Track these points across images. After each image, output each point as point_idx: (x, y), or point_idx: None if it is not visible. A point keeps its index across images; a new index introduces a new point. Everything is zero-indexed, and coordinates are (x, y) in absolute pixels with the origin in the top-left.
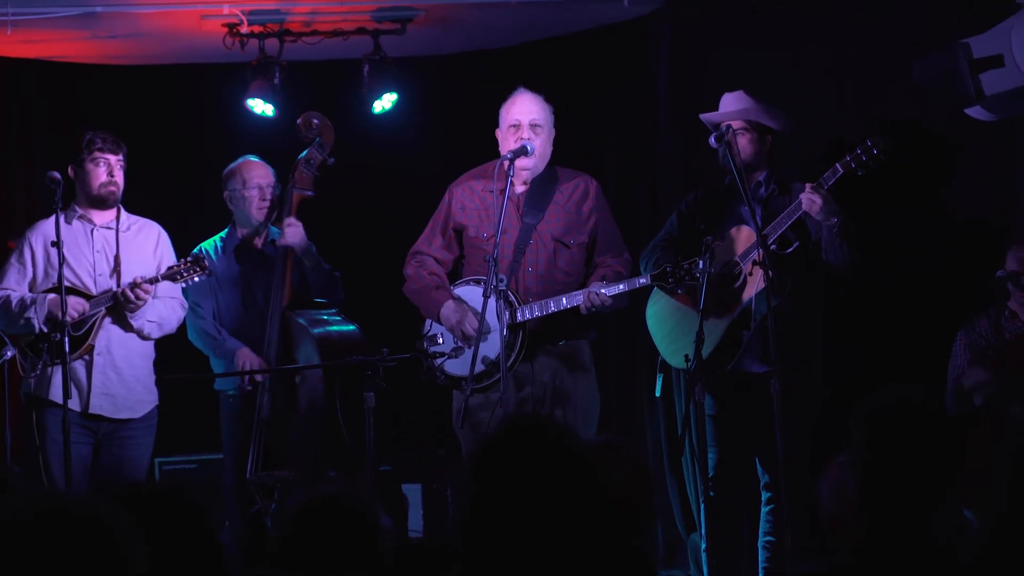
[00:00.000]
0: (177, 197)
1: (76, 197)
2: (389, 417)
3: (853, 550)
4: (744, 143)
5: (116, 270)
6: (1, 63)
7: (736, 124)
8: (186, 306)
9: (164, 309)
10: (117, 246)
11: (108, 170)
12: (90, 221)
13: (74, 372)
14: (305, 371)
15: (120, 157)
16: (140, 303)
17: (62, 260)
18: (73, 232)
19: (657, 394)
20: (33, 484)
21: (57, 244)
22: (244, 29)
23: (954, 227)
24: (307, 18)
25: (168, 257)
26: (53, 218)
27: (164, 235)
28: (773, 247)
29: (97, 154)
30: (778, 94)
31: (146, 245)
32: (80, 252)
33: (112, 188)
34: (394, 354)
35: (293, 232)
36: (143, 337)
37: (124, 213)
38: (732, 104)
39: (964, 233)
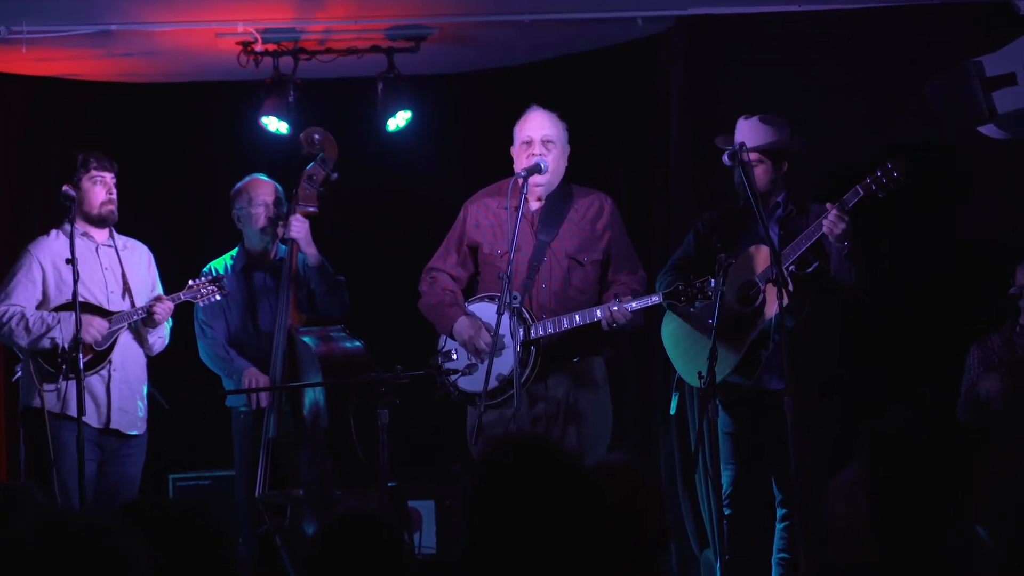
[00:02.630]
0: (191, 215)
1: (73, 216)
2: (402, 433)
3: (864, 567)
4: (760, 173)
5: (127, 288)
6: (16, 81)
7: (752, 156)
8: (172, 322)
9: (165, 326)
10: (121, 264)
11: (106, 188)
12: (92, 239)
13: (91, 387)
14: (308, 390)
15: (113, 176)
16: (164, 319)
17: (76, 277)
18: (79, 250)
19: (672, 412)
20: (47, 502)
21: (72, 261)
22: (259, 47)
23: (967, 245)
24: (321, 36)
25: (157, 276)
26: (54, 235)
27: (152, 255)
28: (792, 268)
29: (95, 173)
30: (790, 114)
31: (140, 264)
32: (91, 269)
33: (111, 207)
34: (408, 371)
35: (299, 227)
36: (149, 353)
37: (115, 232)
38: (748, 134)
39: (978, 251)
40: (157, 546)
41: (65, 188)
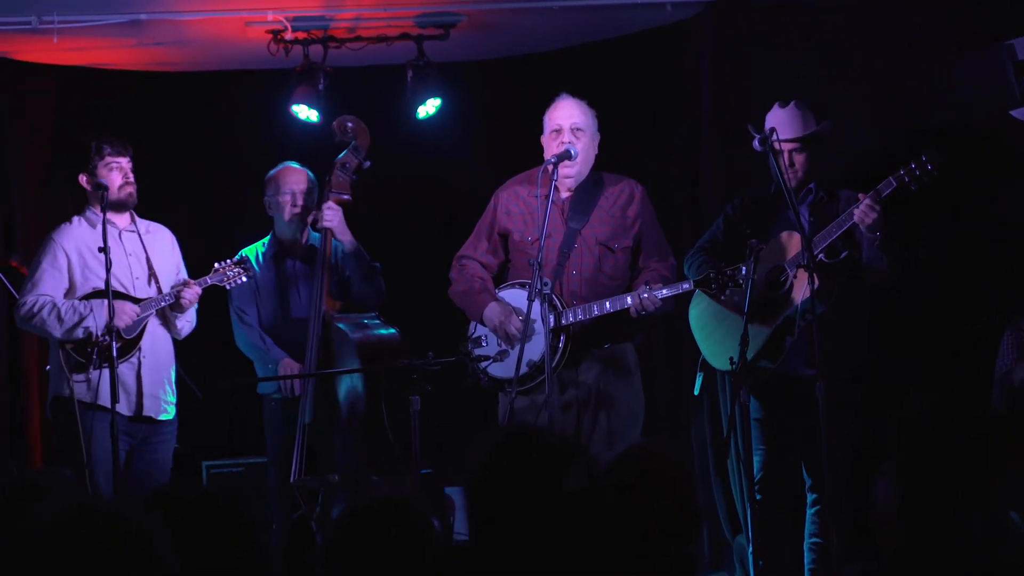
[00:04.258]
0: (221, 204)
1: (90, 203)
2: (435, 420)
3: (894, 552)
4: (800, 162)
5: (152, 273)
6: (47, 71)
7: (788, 146)
8: (196, 304)
9: (193, 311)
10: (144, 249)
11: (123, 173)
12: (115, 225)
13: (122, 375)
14: (346, 376)
15: (128, 159)
16: (192, 304)
17: (109, 265)
18: (100, 237)
19: (695, 392)
20: (77, 488)
21: (104, 249)
22: (288, 35)
23: (998, 230)
24: (351, 24)
25: (180, 259)
26: (76, 221)
27: (175, 238)
28: (821, 256)
29: (109, 159)
30: (820, 97)
31: (164, 247)
32: (115, 256)
33: (130, 190)
34: (439, 358)
35: (332, 215)
36: (177, 337)
37: (136, 216)
38: (787, 122)
39: (1009, 235)
40: (186, 532)
41: (97, 179)
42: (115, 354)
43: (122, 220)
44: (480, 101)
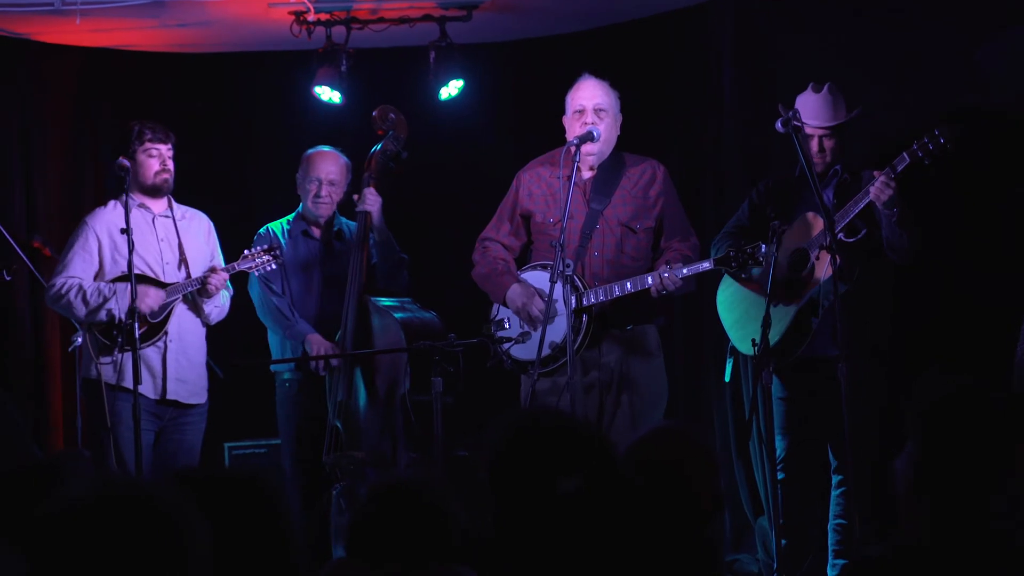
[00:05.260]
0: (243, 184)
1: (128, 187)
2: (472, 402)
3: (916, 533)
4: (831, 146)
5: (183, 259)
6: (70, 52)
7: (817, 132)
8: (232, 291)
9: (224, 295)
10: (178, 234)
11: (161, 160)
12: (149, 210)
13: (147, 359)
14: (385, 356)
15: (170, 146)
16: (219, 290)
17: (131, 247)
18: (136, 221)
19: (726, 379)
20: (101, 470)
21: (127, 231)
22: (311, 17)
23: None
24: (374, 5)
25: (217, 246)
26: (111, 205)
27: (212, 224)
28: (841, 235)
29: (149, 145)
30: (841, 80)
31: (199, 234)
32: (146, 241)
33: (166, 176)
34: (462, 339)
35: (373, 200)
36: (206, 323)
37: (174, 202)
38: (821, 108)
39: None
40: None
41: (120, 160)
42: (137, 336)
43: (158, 205)
44: (503, 83)
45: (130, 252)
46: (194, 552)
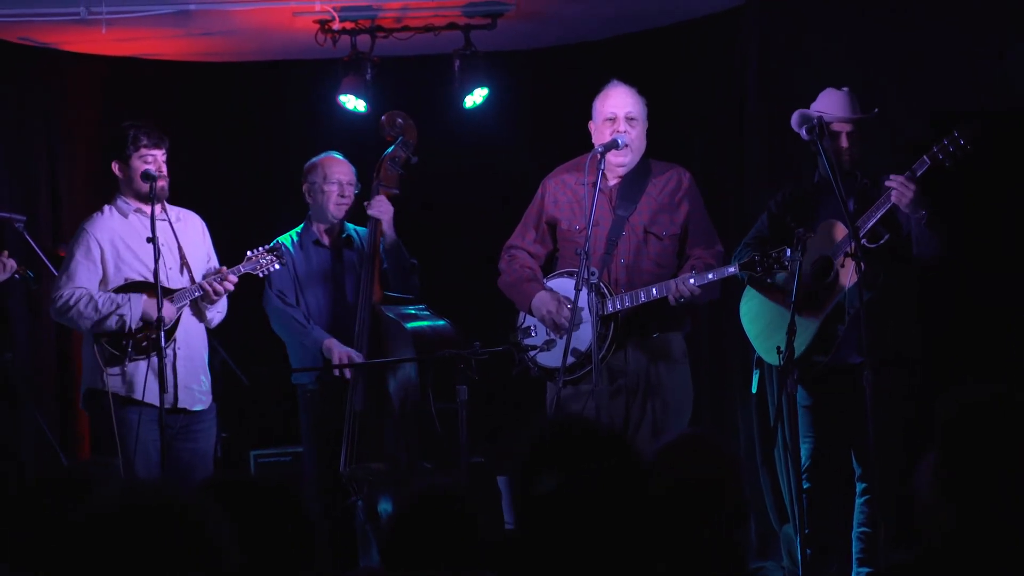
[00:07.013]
0: (268, 193)
1: (122, 192)
2: (485, 409)
3: (941, 538)
4: (857, 139)
5: (184, 262)
6: (96, 61)
7: (844, 128)
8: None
9: (224, 299)
10: (176, 238)
11: (156, 166)
12: (145, 215)
13: (157, 368)
14: (399, 365)
15: (164, 151)
16: (224, 294)
17: (158, 255)
18: (133, 227)
19: (753, 391)
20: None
21: (153, 239)
22: (336, 25)
23: None
24: (398, 14)
25: (211, 245)
26: (107, 211)
27: (204, 223)
28: (864, 241)
29: (144, 151)
30: (867, 84)
31: (195, 235)
32: (147, 247)
33: (162, 183)
34: (487, 347)
35: (385, 207)
36: (209, 326)
37: (167, 204)
38: (843, 104)
39: None
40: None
41: (144, 168)
42: (163, 344)
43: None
44: (527, 90)
45: (156, 260)
46: (222, 560)
